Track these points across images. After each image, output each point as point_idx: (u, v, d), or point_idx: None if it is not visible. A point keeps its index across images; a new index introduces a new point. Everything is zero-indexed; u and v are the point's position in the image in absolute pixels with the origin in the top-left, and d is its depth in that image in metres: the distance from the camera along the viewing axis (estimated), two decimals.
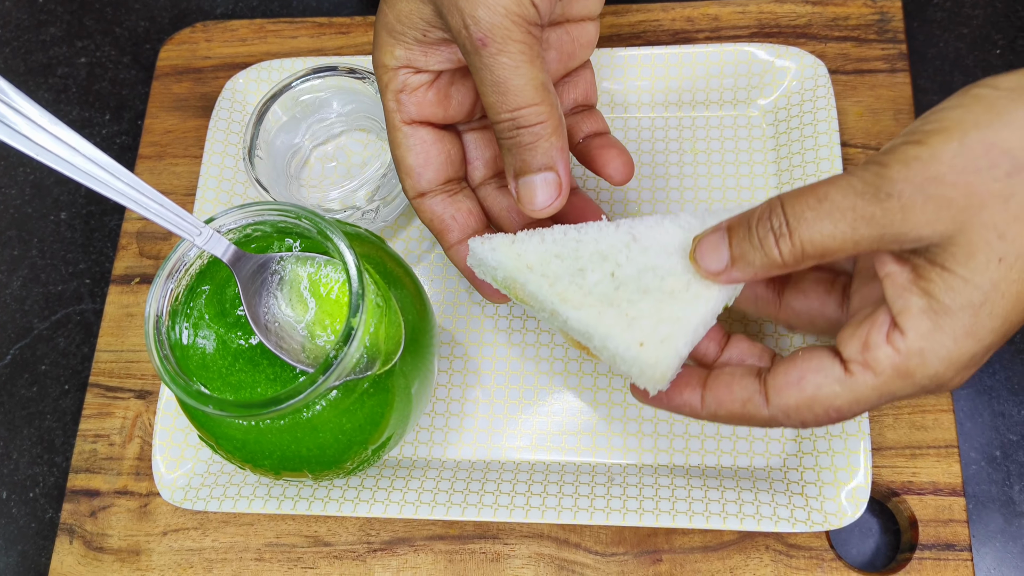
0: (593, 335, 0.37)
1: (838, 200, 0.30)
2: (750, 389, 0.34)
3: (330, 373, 0.32)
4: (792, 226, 0.31)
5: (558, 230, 0.39)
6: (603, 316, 0.36)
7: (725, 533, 0.43)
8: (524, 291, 0.39)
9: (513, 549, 0.44)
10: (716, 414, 0.35)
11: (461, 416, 0.47)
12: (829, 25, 0.53)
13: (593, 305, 0.37)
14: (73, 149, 0.31)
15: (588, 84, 0.44)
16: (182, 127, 0.56)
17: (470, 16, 0.34)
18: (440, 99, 0.40)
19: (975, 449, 0.46)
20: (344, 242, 0.34)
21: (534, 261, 0.38)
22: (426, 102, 0.40)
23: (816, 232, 0.30)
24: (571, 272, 0.38)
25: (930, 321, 0.29)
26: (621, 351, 0.36)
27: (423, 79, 0.39)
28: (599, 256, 0.38)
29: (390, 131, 0.40)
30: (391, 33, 0.38)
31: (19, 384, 0.54)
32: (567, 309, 0.37)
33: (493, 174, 0.44)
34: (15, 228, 0.58)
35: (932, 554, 0.42)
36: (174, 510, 0.47)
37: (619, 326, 0.36)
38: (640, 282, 0.37)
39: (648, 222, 0.38)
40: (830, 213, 0.30)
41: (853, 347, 0.31)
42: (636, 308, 0.36)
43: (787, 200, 0.31)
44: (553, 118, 0.36)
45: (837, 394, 0.31)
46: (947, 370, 0.29)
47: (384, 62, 0.39)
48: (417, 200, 0.41)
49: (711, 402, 0.35)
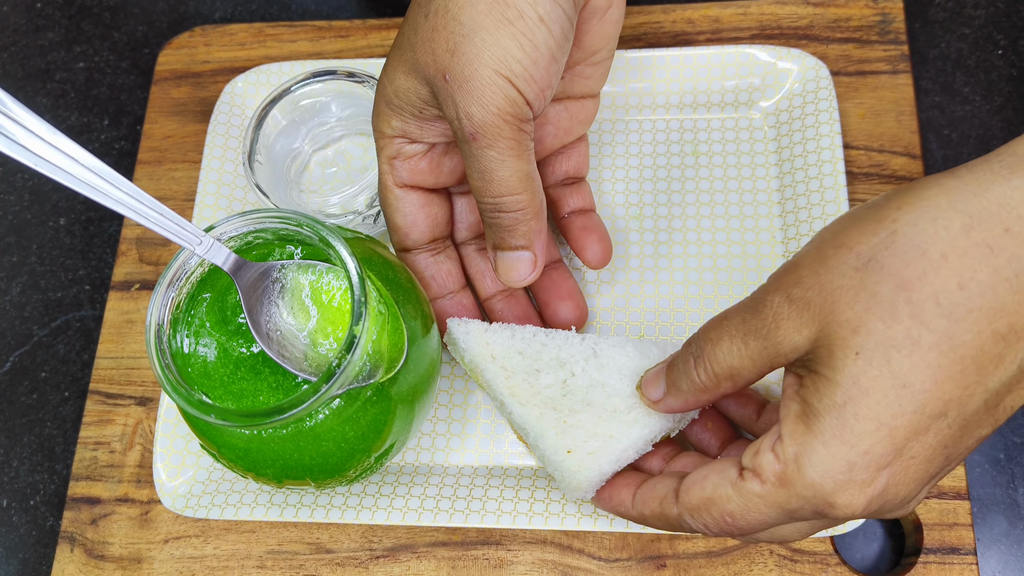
0: (529, 432, 0.40)
1: (733, 318, 0.31)
2: (668, 487, 0.34)
3: (333, 382, 0.32)
4: (704, 349, 0.32)
5: (529, 330, 0.42)
6: (543, 417, 0.40)
7: (729, 539, 0.43)
8: (482, 377, 0.42)
9: (516, 555, 0.44)
10: (642, 513, 0.36)
11: (463, 422, 0.46)
12: (831, 26, 0.52)
13: (537, 405, 0.40)
14: (71, 159, 0.31)
15: (581, 157, 0.46)
16: (181, 132, 0.56)
17: (464, 111, 0.35)
18: (432, 168, 0.41)
19: (979, 452, 0.46)
20: (346, 248, 0.34)
21: (498, 352, 0.42)
22: (418, 170, 0.41)
23: (720, 352, 0.32)
24: (528, 371, 0.41)
25: (803, 425, 0.29)
26: (549, 453, 0.39)
27: (417, 149, 0.41)
28: (558, 362, 0.41)
29: (382, 191, 0.42)
30: (389, 105, 0.39)
31: (19, 391, 0.54)
32: (513, 403, 0.41)
33: (475, 236, 0.46)
34: (14, 234, 0.58)
35: (937, 558, 0.42)
36: (175, 518, 0.47)
37: (554, 430, 0.39)
38: (587, 395, 0.40)
39: (612, 341, 0.42)
40: (728, 332, 0.31)
41: (748, 454, 0.31)
42: (575, 417, 0.39)
43: (704, 326, 0.33)
44: (533, 205, 0.38)
45: (729, 497, 0.31)
46: (823, 479, 0.28)
47: (381, 129, 0.40)
48: (402, 254, 0.44)
49: (638, 501, 0.36)
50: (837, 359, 0.28)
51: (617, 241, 0.49)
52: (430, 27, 0.36)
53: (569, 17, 0.36)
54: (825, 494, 0.28)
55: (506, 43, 0.34)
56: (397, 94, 0.38)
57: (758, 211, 0.49)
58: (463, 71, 0.34)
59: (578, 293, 0.45)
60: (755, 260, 0.48)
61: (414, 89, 0.37)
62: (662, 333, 0.47)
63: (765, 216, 0.48)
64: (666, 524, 0.35)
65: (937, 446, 0.27)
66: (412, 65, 0.37)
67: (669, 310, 0.47)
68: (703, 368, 0.33)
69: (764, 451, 0.30)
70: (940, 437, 0.27)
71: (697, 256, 0.48)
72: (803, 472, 0.28)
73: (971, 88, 0.53)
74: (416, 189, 0.42)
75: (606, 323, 0.47)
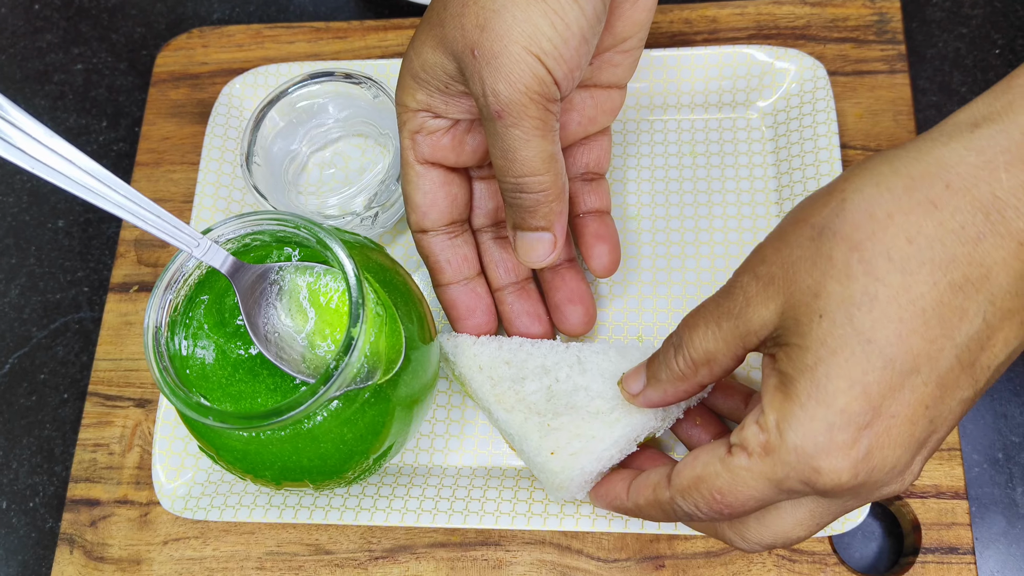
0: (514, 436, 0.41)
1: (708, 305, 0.33)
2: (661, 474, 0.35)
3: (331, 384, 0.32)
4: (683, 338, 0.33)
5: (515, 341, 0.44)
6: (527, 421, 0.41)
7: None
8: (470, 387, 0.44)
9: (515, 556, 0.44)
10: (636, 503, 0.36)
11: (462, 423, 0.46)
12: (828, 26, 0.53)
13: (521, 411, 0.41)
14: (69, 161, 0.31)
15: (603, 151, 0.46)
16: (179, 133, 0.56)
17: (491, 88, 0.35)
18: (455, 145, 0.41)
19: (977, 451, 0.46)
20: (343, 250, 0.34)
21: (485, 363, 0.43)
22: (440, 146, 0.41)
23: (696, 337, 0.33)
24: (513, 379, 0.42)
25: (781, 393, 0.29)
26: (533, 456, 0.40)
27: (441, 124, 0.40)
28: (542, 370, 0.42)
29: (403, 167, 0.41)
30: (415, 78, 0.39)
31: (18, 393, 0.54)
32: (499, 410, 0.42)
33: (493, 223, 0.45)
34: (12, 236, 0.58)
35: (935, 557, 0.42)
36: (174, 519, 0.47)
37: (537, 433, 0.40)
38: (570, 399, 0.41)
39: (596, 347, 0.43)
40: (703, 317, 0.32)
41: (735, 433, 0.31)
42: (558, 420, 0.41)
43: (685, 318, 0.34)
44: (555, 187, 0.38)
45: (718, 473, 0.31)
46: (804, 442, 0.28)
47: (405, 103, 0.40)
48: (419, 235, 0.43)
49: (632, 492, 0.36)
50: (803, 325, 0.28)
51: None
52: (460, 2, 0.35)
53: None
54: (808, 458, 0.28)
55: (537, 20, 0.34)
56: (424, 68, 0.38)
57: (755, 211, 0.49)
58: (492, 47, 0.34)
59: (589, 297, 0.45)
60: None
61: (441, 64, 0.37)
62: (660, 334, 0.47)
63: (763, 216, 0.48)
64: (660, 511, 0.35)
65: (917, 405, 0.28)
66: (440, 39, 0.36)
67: (667, 310, 0.47)
68: (681, 356, 0.34)
69: (748, 425, 0.30)
70: (917, 395, 0.28)
71: (695, 256, 0.48)
72: (785, 438, 0.29)
73: (968, 88, 0.53)
74: (437, 166, 0.41)
75: (605, 323, 0.47)
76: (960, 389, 0.28)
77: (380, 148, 0.52)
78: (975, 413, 0.46)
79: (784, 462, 0.29)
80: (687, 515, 0.33)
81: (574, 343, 0.44)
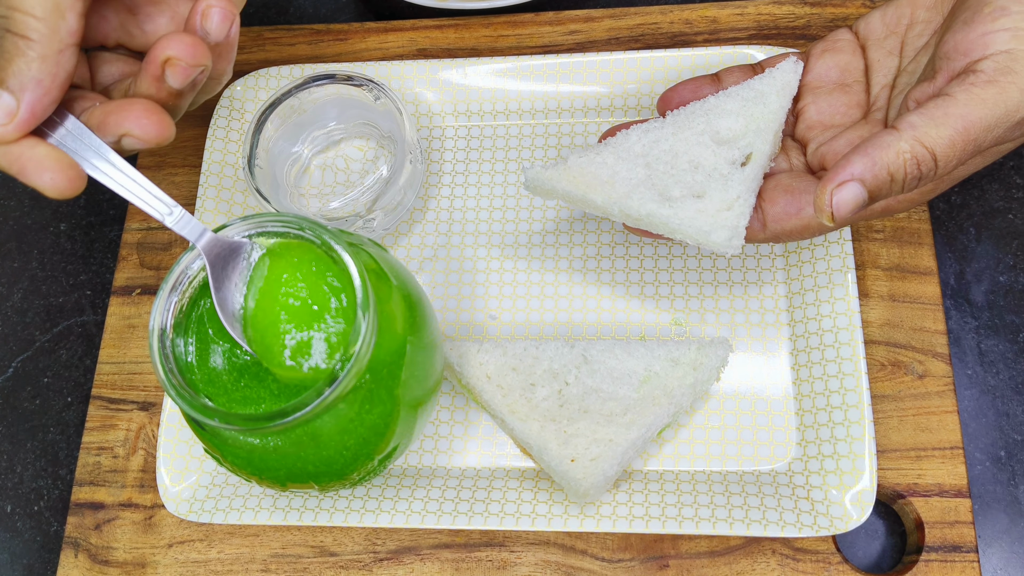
0: (533, 445, 0.42)
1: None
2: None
3: (336, 385, 0.32)
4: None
5: (520, 345, 0.44)
6: (544, 430, 0.42)
7: (731, 538, 0.43)
8: (481, 398, 0.44)
9: (520, 556, 0.44)
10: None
11: (466, 424, 0.46)
12: (828, 26, 0.53)
13: (536, 419, 0.42)
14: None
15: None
16: (181, 136, 0.56)
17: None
18: None
19: (980, 450, 0.46)
20: (348, 252, 0.34)
21: (493, 372, 0.44)
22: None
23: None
24: (523, 386, 0.43)
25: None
26: (554, 464, 0.41)
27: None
28: (551, 374, 0.43)
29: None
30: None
31: (22, 397, 0.54)
32: (514, 420, 0.42)
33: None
34: (15, 240, 0.58)
35: (938, 556, 0.42)
36: (179, 522, 0.47)
37: (556, 441, 0.41)
38: (583, 402, 0.42)
39: (600, 346, 0.44)
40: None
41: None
42: (574, 426, 0.41)
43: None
44: (47, 43, 0.33)
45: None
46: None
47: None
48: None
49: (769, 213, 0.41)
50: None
51: (617, 242, 0.49)
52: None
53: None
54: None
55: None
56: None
57: None
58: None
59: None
60: (755, 260, 0.48)
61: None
62: (662, 333, 0.47)
63: None
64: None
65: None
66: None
67: (670, 310, 0.47)
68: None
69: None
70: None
71: (696, 257, 0.48)
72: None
73: None
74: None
75: (607, 323, 0.47)
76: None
77: (382, 150, 0.52)
78: (977, 412, 0.47)
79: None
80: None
81: (579, 342, 0.44)
